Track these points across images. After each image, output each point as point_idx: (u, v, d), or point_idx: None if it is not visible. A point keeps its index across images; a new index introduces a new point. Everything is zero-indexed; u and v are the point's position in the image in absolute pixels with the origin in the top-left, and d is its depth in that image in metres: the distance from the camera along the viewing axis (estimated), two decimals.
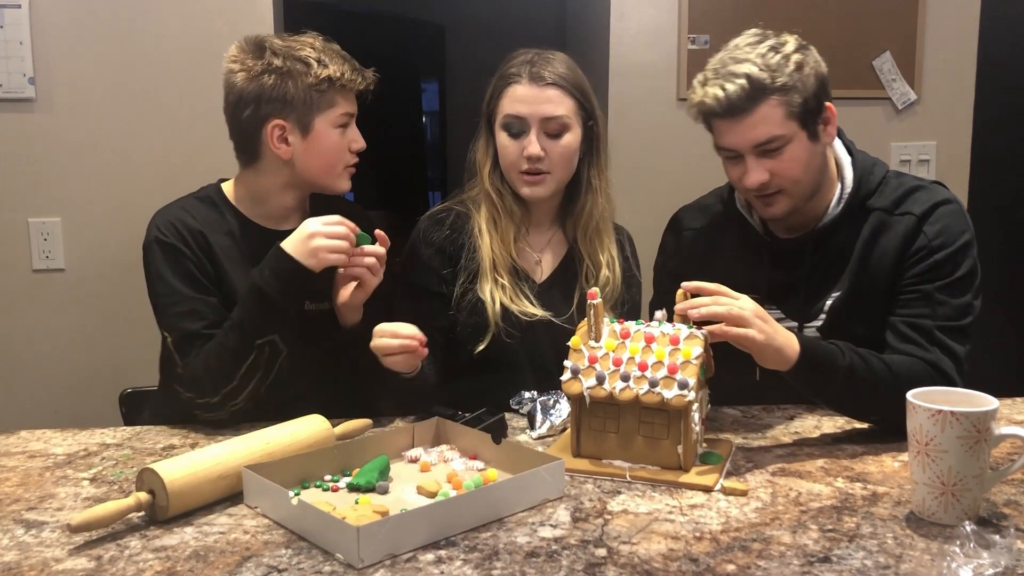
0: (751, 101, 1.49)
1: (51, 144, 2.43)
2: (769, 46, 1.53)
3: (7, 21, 2.37)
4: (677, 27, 2.70)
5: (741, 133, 1.53)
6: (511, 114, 1.70)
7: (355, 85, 1.63)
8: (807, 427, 1.54)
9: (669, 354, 1.32)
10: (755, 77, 1.49)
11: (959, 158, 2.75)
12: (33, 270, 2.46)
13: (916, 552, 1.09)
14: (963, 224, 1.57)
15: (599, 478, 1.32)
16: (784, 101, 1.50)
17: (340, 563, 1.06)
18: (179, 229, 1.61)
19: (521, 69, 1.71)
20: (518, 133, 1.70)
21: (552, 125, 1.69)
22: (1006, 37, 3.27)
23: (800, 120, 1.51)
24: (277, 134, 1.60)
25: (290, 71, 1.58)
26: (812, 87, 1.52)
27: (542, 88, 1.69)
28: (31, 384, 2.49)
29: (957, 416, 1.12)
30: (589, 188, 1.78)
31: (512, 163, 1.71)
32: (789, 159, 1.53)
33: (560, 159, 1.71)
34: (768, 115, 1.50)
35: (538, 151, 1.68)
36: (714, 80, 1.52)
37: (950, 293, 1.53)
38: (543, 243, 1.81)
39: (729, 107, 1.50)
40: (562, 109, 1.70)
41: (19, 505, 1.24)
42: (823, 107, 1.55)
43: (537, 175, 1.71)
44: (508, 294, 1.72)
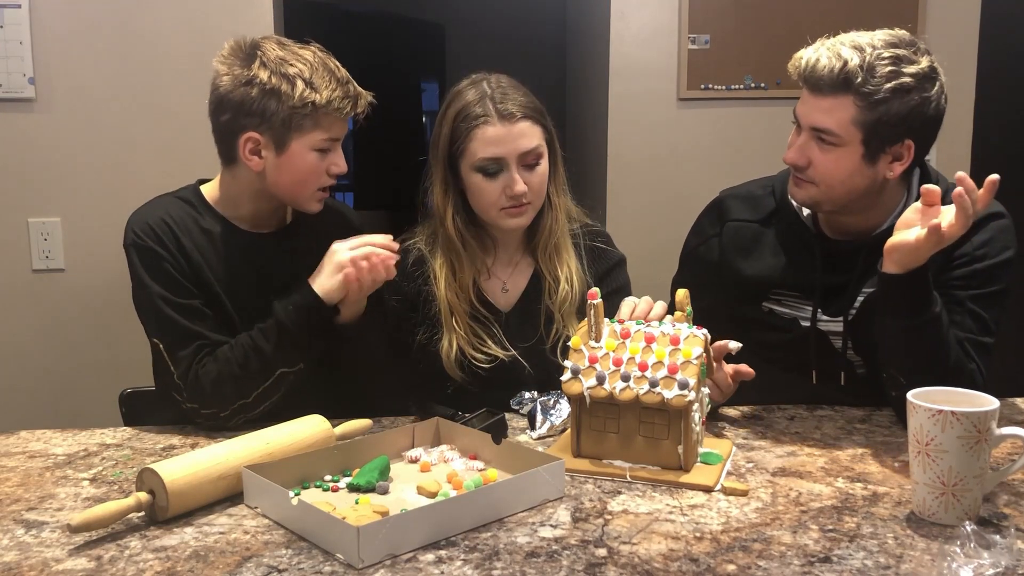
0: (830, 87, 1.47)
1: (51, 144, 2.43)
2: (896, 54, 1.48)
3: (7, 21, 2.37)
4: (677, 27, 2.70)
5: (808, 109, 1.52)
6: (487, 157, 1.63)
7: (342, 113, 1.56)
8: (807, 427, 1.54)
9: (669, 354, 1.32)
10: (850, 68, 1.45)
11: (959, 158, 2.75)
12: (33, 270, 2.46)
13: (916, 552, 1.09)
14: (1010, 240, 1.57)
15: (599, 478, 1.32)
16: (860, 106, 1.46)
17: (340, 563, 1.06)
18: (155, 230, 1.58)
19: (484, 106, 1.64)
20: (495, 172, 1.64)
21: (529, 157, 1.65)
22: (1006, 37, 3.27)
23: (864, 134, 1.48)
24: (250, 147, 1.55)
25: (275, 89, 1.51)
26: (898, 115, 1.47)
27: (514, 123, 1.63)
28: (31, 384, 2.49)
29: (957, 416, 1.12)
30: (550, 206, 1.74)
31: (491, 203, 1.66)
32: (833, 161, 1.50)
33: (539, 187, 1.68)
34: (838, 109, 1.47)
35: (524, 188, 1.64)
36: (821, 46, 1.50)
37: (982, 305, 1.53)
38: (509, 269, 1.78)
39: (810, 78, 1.49)
40: (535, 140, 1.66)
41: (19, 505, 1.24)
42: (900, 141, 1.50)
43: (521, 207, 1.67)
44: (469, 343, 1.69)
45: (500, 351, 1.70)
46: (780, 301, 1.68)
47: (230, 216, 1.65)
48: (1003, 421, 1.18)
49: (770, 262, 1.68)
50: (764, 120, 2.75)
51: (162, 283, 1.56)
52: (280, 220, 1.70)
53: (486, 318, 1.73)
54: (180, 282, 1.56)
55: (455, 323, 1.70)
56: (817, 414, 1.61)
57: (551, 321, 1.73)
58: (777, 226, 1.70)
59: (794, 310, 1.67)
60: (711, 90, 2.74)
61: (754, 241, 1.71)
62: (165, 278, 1.56)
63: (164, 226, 1.59)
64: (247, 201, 1.64)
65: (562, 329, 1.72)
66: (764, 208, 1.72)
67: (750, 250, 1.70)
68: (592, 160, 3.12)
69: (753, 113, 2.76)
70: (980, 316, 1.53)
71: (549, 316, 1.73)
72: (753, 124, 2.76)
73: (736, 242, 1.72)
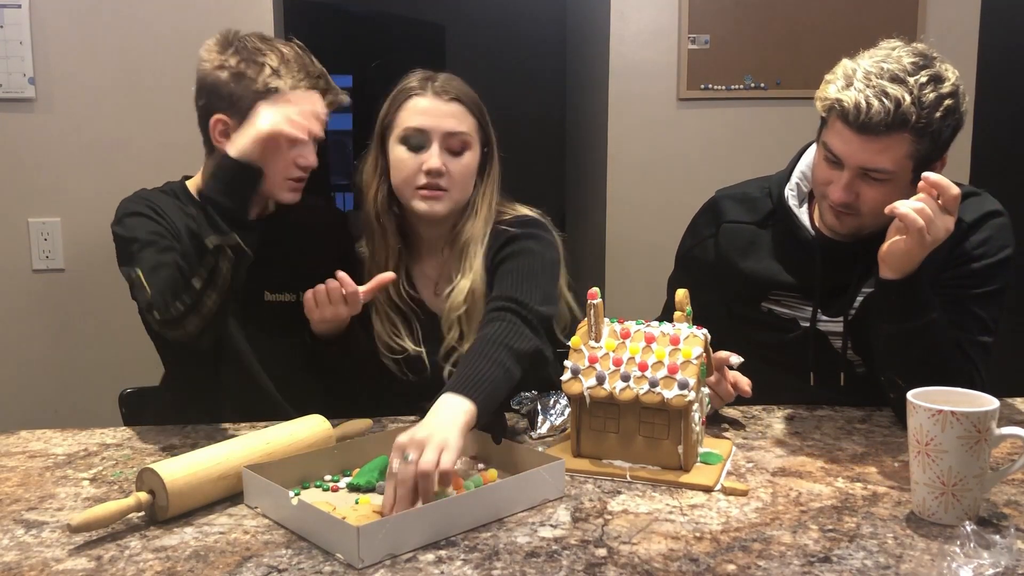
0: (888, 128, 1.43)
1: (51, 144, 2.43)
2: (930, 76, 1.44)
3: (7, 21, 2.37)
4: (677, 27, 2.70)
5: (857, 151, 1.46)
6: (412, 127, 1.62)
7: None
8: (807, 427, 1.54)
9: (669, 354, 1.32)
10: (904, 108, 1.42)
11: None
12: (33, 270, 2.47)
13: (916, 552, 1.09)
14: (1008, 239, 1.57)
15: (599, 478, 1.32)
16: (915, 141, 1.45)
17: (340, 563, 1.06)
18: (144, 201, 1.61)
19: (422, 84, 1.65)
20: (417, 147, 1.62)
21: (454, 141, 1.62)
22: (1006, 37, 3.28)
23: (916, 164, 1.47)
24: (220, 128, 1.57)
25: (242, 73, 1.55)
26: (945, 138, 1.47)
27: (445, 102, 1.63)
28: (31, 384, 2.49)
29: (957, 416, 1.12)
30: (473, 213, 1.68)
31: (407, 178, 1.63)
32: (884, 193, 1.48)
33: (460, 177, 1.64)
34: (893, 147, 1.45)
35: (439, 165, 1.60)
36: (863, 87, 1.43)
37: (981, 304, 1.53)
38: (438, 272, 1.73)
39: (864, 123, 1.43)
40: (464, 126, 1.64)
41: (19, 505, 1.24)
42: (940, 156, 1.50)
43: (436, 190, 1.62)
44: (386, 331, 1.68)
45: (411, 345, 1.68)
46: (779, 301, 1.68)
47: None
48: (1003, 421, 1.18)
49: (769, 263, 1.68)
50: (764, 120, 2.75)
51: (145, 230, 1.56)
52: (262, 210, 1.69)
53: (409, 311, 1.70)
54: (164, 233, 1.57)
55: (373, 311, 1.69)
56: (817, 414, 1.61)
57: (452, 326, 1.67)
58: (775, 227, 1.70)
59: (793, 310, 1.67)
60: (711, 90, 2.74)
61: (751, 243, 1.71)
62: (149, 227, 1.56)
63: (151, 206, 1.61)
64: None
65: (447, 334, 1.66)
66: (761, 210, 1.72)
67: (747, 251, 1.70)
68: (592, 160, 3.13)
69: (753, 113, 2.76)
70: (979, 316, 1.53)
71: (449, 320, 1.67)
72: (753, 124, 2.76)
73: (733, 243, 1.72)
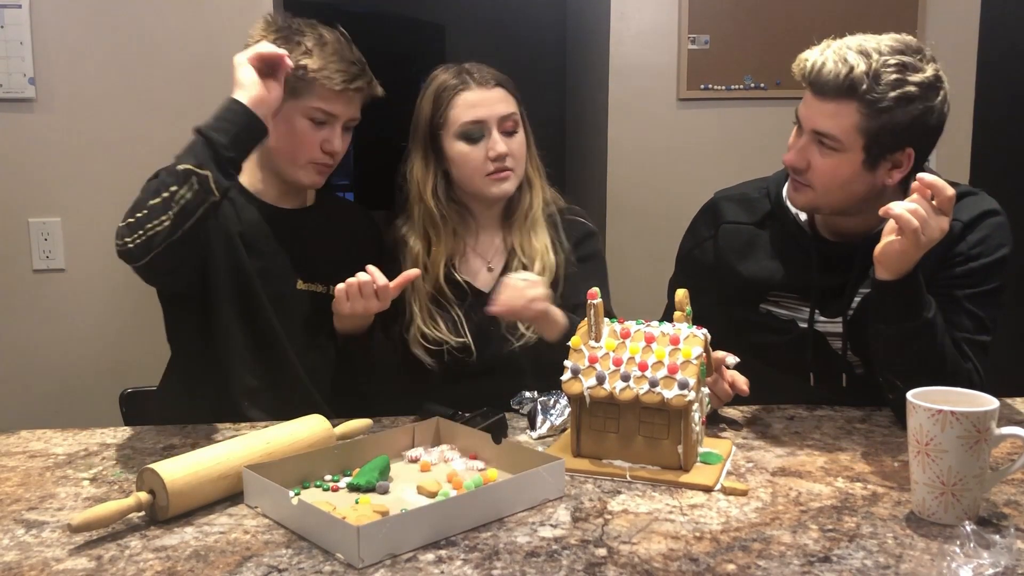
0: (835, 92, 1.45)
1: (51, 144, 2.43)
2: (901, 61, 1.46)
3: (7, 21, 2.36)
4: (677, 27, 2.70)
5: (811, 112, 1.51)
6: (469, 121, 1.70)
7: (333, 82, 1.59)
8: (807, 427, 1.54)
9: (669, 354, 1.32)
10: (856, 75, 1.44)
11: (959, 158, 2.75)
12: (33, 270, 2.46)
13: (916, 552, 1.09)
14: (1005, 238, 1.57)
15: (599, 478, 1.32)
16: (864, 114, 1.45)
17: (340, 563, 1.06)
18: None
19: (462, 78, 1.73)
20: (478, 138, 1.71)
21: (508, 123, 1.73)
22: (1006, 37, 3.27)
23: (866, 141, 1.47)
24: None
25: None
26: (901, 123, 1.46)
27: (491, 89, 1.72)
28: (31, 384, 2.49)
29: (957, 416, 1.12)
30: (529, 184, 1.80)
31: (476, 168, 1.72)
32: (832, 166, 1.50)
33: (520, 154, 1.75)
34: (841, 114, 1.46)
35: (505, 149, 1.71)
36: (828, 50, 1.48)
37: (979, 303, 1.53)
38: (493, 249, 1.81)
39: (814, 80, 1.48)
40: (512, 106, 1.74)
41: (19, 505, 1.24)
42: (900, 148, 1.50)
43: (505, 172, 1.72)
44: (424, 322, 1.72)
45: (451, 336, 1.71)
46: (778, 303, 1.69)
47: (250, 186, 1.70)
48: (1003, 421, 1.18)
49: (767, 264, 1.68)
50: (764, 120, 2.75)
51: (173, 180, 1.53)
52: (301, 200, 1.75)
53: (449, 301, 1.74)
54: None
55: (413, 304, 1.73)
56: (817, 414, 1.61)
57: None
58: (773, 228, 1.70)
59: (792, 311, 1.67)
60: (711, 90, 2.74)
61: (750, 244, 1.71)
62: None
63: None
64: (261, 170, 1.70)
65: None
66: (759, 210, 1.72)
67: (746, 252, 1.71)
68: (592, 160, 3.12)
69: (753, 113, 2.76)
70: (977, 315, 1.53)
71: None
72: (753, 124, 2.76)
73: (732, 244, 1.72)
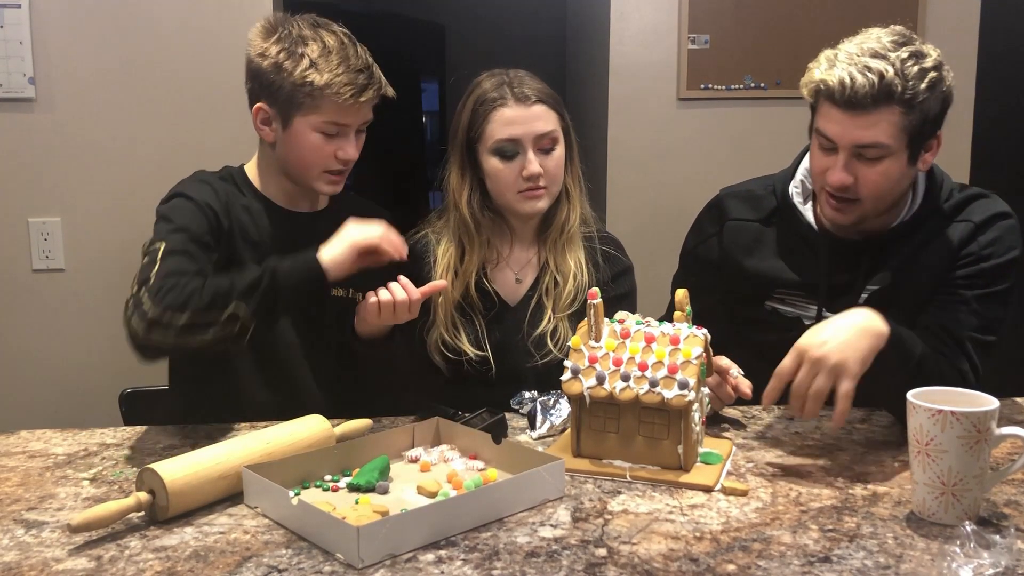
0: (875, 102, 1.44)
1: (51, 144, 2.43)
2: (911, 52, 1.47)
3: (7, 21, 2.37)
4: (677, 27, 2.70)
5: (849, 128, 1.47)
6: (504, 138, 1.68)
7: (341, 98, 1.54)
8: (807, 427, 1.54)
9: (669, 354, 1.32)
10: (888, 79, 1.44)
11: (959, 158, 2.75)
12: (33, 270, 2.47)
13: (916, 552, 1.09)
14: (1015, 241, 1.57)
15: (599, 478, 1.32)
16: (904, 114, 1.45)
17: (340, 563, 1.06)
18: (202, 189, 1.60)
19: (502, 91, 1.69)
20: (512, 155, 1.69)
21: (545, 141, 1.70)
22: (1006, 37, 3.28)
23: (909, 139, 1.48)
24: (261, 117, 1.60)
25: (280, 64, 1.55)
26: (935, 111, 1.48)
27: (529, 106, 1.69)
28: (31, 384, 2.49)
29: (957, 416, 1.12)
30: (567, 198, 1.78)
31: (508, 185, 1.70)
32: (882, 172, 1.49)
33: (555, 172, 1.72)
34: (884, 121, 1.45)
35: (538, 169, 1.68)
36: (846, 65, 1.46)
37: (986, 304, 1.53)
38: (524, 261, 1.80)
39: (850, 98, 1.45)
40: (551, 124, 1.70)
41: (19, 505, 1.24)
42: (935, 134, 1.51)
43: (538, 191, 1.70)
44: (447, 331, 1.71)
45: (471, 348, 1.71)
46: (783, 300, 1.68)
47: (266, 192, 1.69)
48: (1003, 421, 1.18)
49: (773, 261, 1.68)
50: (764, 120, 2.75)
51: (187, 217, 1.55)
52: (314, 202, 1.73)
53: (475, 310, 1.74)
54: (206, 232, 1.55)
55: (439, 309, 1.72)
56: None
57: (541, 316, 1.73)
58: (779, 225, 1.69)
59: (798, 309, 1.67)
60: (711, 90, 2.74)
61: (755, 240, 1.70)
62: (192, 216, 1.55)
63: (211, 193, 1.61)
64: (275, 174, 1.68)
65: (548, 324, 1.72)
66: (765, 207, 1.72)
67: (752, 249, 1.70)
68: (592, 160, 3.12)
69: (753, 113, 2.76)
70: (984, 315, 1.53)
71: (541, 310, 1.74)
72: (753, 124, 2.76)
73: (737, 241, 1.72)
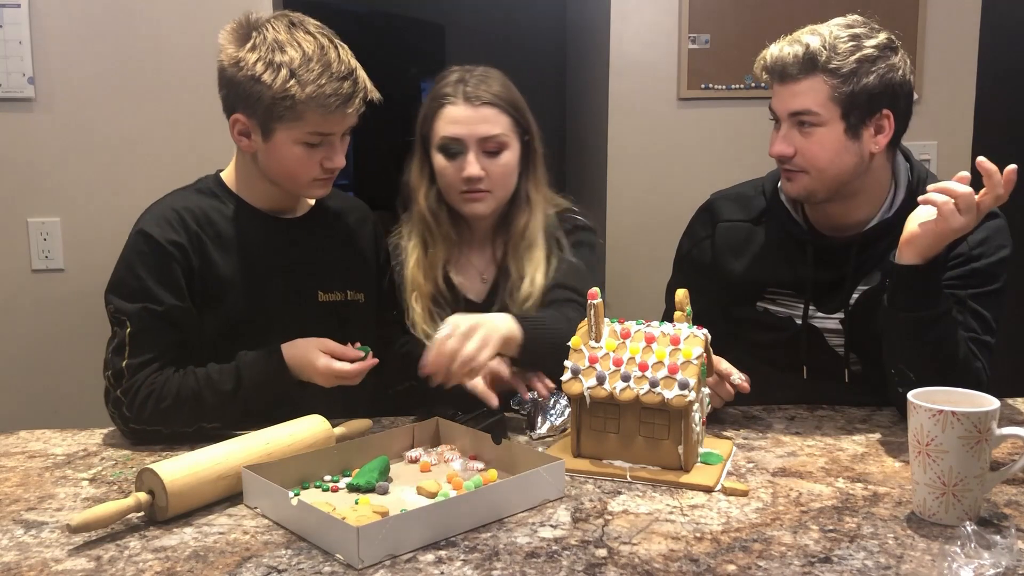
0: (800, 70, 1.53)
1: (51, 144, 2.43)
2: (853, 33, 1.54)
3: (7, 21, 2.36)
4: (677, 27, 2.70)
5: (782, 98, 1.57)
6: (447, 136, 1.69)
7: (327, 110, 1.47)
8: (807, 427, 1.54)
9: (670, 354, 1.32)
10: (813, 49, 1.52)
11: (959, 158, 2.75)
12: (32, 270, 2.46)
13: (917, 552, 1.09)
14: (1005, 239, 1.59)
15: (599, 478, 1.32)
16: (832, 83, 1.52)
17: (340, 563, 1.06)
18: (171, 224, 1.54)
19: (454, 89, 1.70)
20: (455, 154, 1.69)
21: (490, 144, 1.68)
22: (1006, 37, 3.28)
23: (843, 108, 1.52)
24: (239, 128, 1.54)
25: (258, 76, 1.47)
26: (870, 84, 1.52)
27: (477, 108, 1.68)
28: (31, 384, 2.49)
29: (958, 416, 1.12)
30: (527, 203, 1.76)
31: (450, 184, 1.71)
32: (817, 142, 1.54)
33: (500, 177, 1.70)
34: (810, 89, 1.53)
35: (477, 172, 1.67)
36: (782, 41, 1.57)
37: (982, 303, 1.54)
38: (486, 260, 1.80)
39: (779, 69, 1.55)
40: (498, 128, 1.69)
41: (19, 505, 1.24)
42: (878, 111, 1.54)
43: (477, 193, 1.70)
44: (425, 320, 1.71)
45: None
46: (774, 300, 1.69)
47: (248, 198, 1.63)
48: (1003, 421, 1.18)
49: (763, 261, 1.69)
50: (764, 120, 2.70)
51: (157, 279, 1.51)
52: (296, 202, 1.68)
53: (447, 303, 1.74)
54: (179, 283, 1.53)
55: (415, 301, 1.73)
56: (817, 414, 1.61)
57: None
58: (768, 224, 1.71)
59: (788, 308, 1.68)
60: (711, 90, 2.73)
61: (746, 241, 1.71)
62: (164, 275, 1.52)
63: (181, 221, 1.55)
64: (257, 180, 1.61)
65: None
66: (755, 207, 1.73)
67: (742, 250, 1.71)
68: (592, 160, 3.12)
69: (753, 113, 2.75)
70: (981, 315, 1.53)
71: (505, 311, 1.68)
72: (753, 124, 2.75)
73: (728, 243, 1.73)
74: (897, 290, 1.45)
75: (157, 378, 1.49)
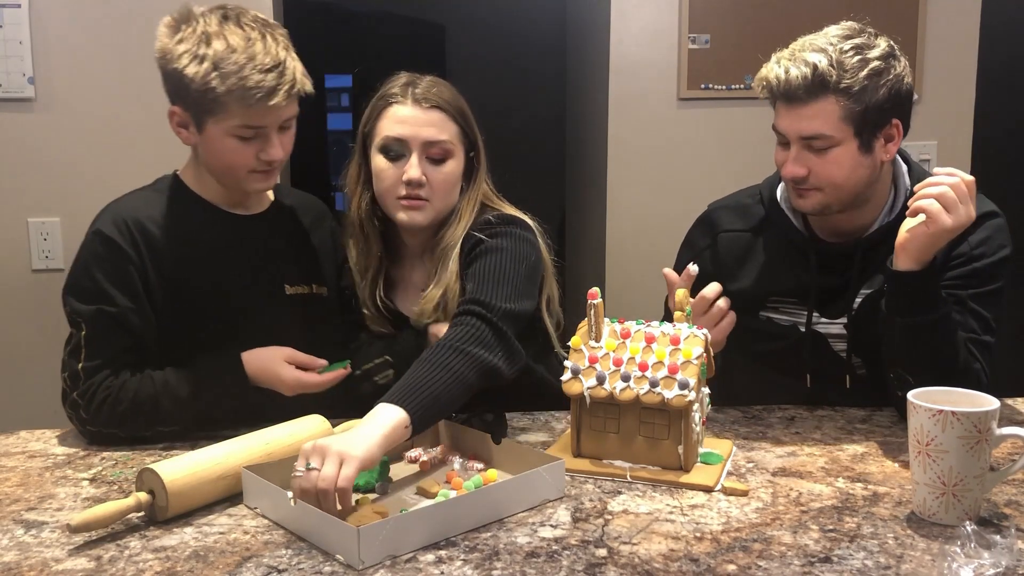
0: (809, 93, 1.48)
1: (51, 144, 2.43)
2: (855, 44, 1.49)
3: (7, 21, 2.36)
4: (677, 27, 2.70)
5: (792, 121, 1.52)
6: (391, 136, 1.59)
7: (248, 103, 1.43)
8: (807, 427, 1.54)
9: (670, 354, 1.32)
10: (821, 70, 1.47)
11: (959, 158, 2.75)
12: (33, 270, 2.46)
13: (917, 552, 1.09)
14: (1005, 239, 1.58)
15: (599, 478, 1.32)
16: (843, 104, 1.47)
17: (340, 564, 1.06)
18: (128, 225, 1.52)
19: (403, 90, 1.61)
20: (397, 157, 1.59)
21: (435, 150, 1.59)
22: (1006, 37, 3.28)
23: (856, 127, 1.49)
24: (176, 120, 1.51)
25: (182, 69, 1.44)
26: (880, 99, 1.49)
27: (425, 110, 1.59)
28: (31, 384, 2.49)
29: (958, 416, 1.12)
30: (456, 220, 1.64)
31: (388, 188, 1.60)
32: (832, 161, 1.51)
33: (441, 186, 1.60)
34: (822, 112, 1.48)
35: (419, 175, 1.57)
36: (786, 60, 1.51)
37: (982, 303, 1.54)
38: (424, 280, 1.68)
39: (787, 92, 1.50)
40: (445, 134, 1.60)
41: (19, 505, 1.24)
42: (888, 122, 1.52)
43: (416, 200, 1.59)
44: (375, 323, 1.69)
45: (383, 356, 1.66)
46: (777, 308, 1.68)
47: (205, 195, 1.60)
48: (1003, 421, 1.18)
49: (765, 270, 1.68)
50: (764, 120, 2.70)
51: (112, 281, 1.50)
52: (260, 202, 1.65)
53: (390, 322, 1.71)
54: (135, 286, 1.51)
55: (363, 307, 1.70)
56: (817, 414, 1.61)
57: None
58: (769, 233, 1.70)
59: (792, 316, 1.67)
60: (711, 90, 2.74)
61: (748, 250, 1.71)
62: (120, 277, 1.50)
63: (138, 223, 1.53)
64: (207, 175, 1.58)
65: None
66: (754, 216, 1.72)
67: (744, 259, 1.70)
68: (592, 160, 3.12)
69: (753, 113, 2.75)
70: (981, 315, 1.53)
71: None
72: (753, 124, 2.75)
73: (730, 253, 1.72)
74: (894, 296, 1.45)
75: (114, 382, 1.47)
